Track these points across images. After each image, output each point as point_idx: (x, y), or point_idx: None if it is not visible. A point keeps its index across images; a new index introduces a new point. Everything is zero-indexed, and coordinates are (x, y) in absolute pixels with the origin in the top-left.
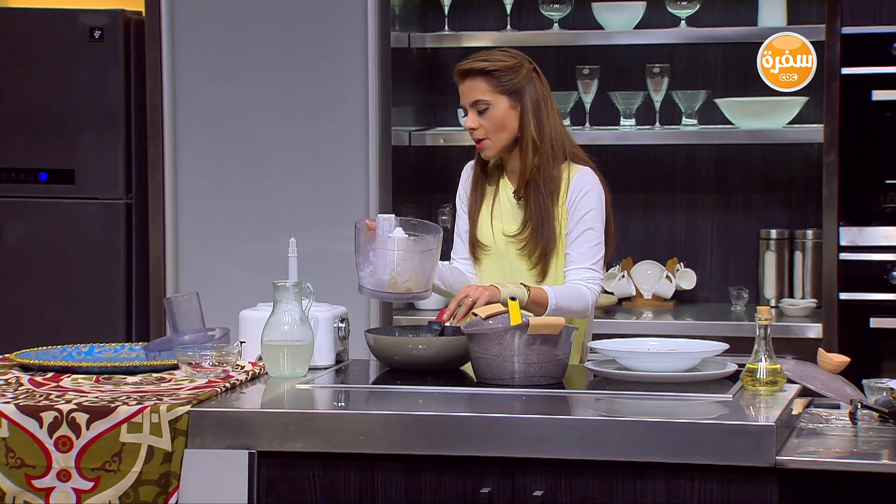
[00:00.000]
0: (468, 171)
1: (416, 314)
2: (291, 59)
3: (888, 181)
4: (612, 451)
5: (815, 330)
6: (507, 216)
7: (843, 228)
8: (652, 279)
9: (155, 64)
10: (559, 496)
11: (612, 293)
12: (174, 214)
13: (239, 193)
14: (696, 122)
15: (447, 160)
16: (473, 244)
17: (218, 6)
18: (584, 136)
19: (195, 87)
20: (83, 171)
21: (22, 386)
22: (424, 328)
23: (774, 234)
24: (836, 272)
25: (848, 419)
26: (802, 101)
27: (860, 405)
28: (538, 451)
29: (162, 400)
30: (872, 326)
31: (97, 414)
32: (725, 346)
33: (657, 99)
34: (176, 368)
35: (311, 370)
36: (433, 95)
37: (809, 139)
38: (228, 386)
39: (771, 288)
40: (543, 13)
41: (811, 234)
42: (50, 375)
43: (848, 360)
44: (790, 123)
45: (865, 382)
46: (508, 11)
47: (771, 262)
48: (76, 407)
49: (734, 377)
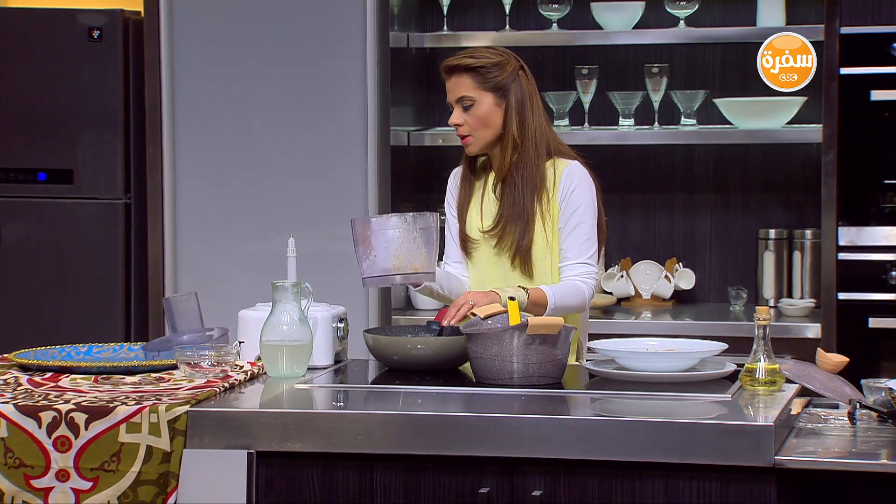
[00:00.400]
0: (454, 177)
1: (415, 314)
2: (290, 59)
3: (887, 181)
4: (610, 450)
5: (813, 330)
6: (487, 212)
7: (841, 228)
8: (651, 279)
9: (154, 64)
10: (558, 496)
11: (610, 293)
12: (173, 214)
13: (238, 193)
14: (694, 122)
15: (446, 160)
16: (464, 240)
17: (217, 6)
18: (582, 136)
19: (194, 86)
20: (82, 171)
21: (21, 386)
22: (423, 328)
23: (773, 233)
24: (834, 272)
25: (847, 419)
26: (801, 101)
27: (859, 405)
28: (537, 451)
29: (161, 400)
30: (871, 326)
31: (96, 414)
32: (724, 345)
33: (656, 99)
34: (175, 368)
35: (309, 370)
36: (432, 95)
37: (808, 139)
38: (227, 386)
39: (770, 288)
40: (542, 13)
41: (810, 234)
42: (48, 375)
43: (847, 359)
44: (789, 123)
45: (864, 382)
46: (507, 11)
47: (770, 261)
48: (75, 407)
49: (733, 377)
